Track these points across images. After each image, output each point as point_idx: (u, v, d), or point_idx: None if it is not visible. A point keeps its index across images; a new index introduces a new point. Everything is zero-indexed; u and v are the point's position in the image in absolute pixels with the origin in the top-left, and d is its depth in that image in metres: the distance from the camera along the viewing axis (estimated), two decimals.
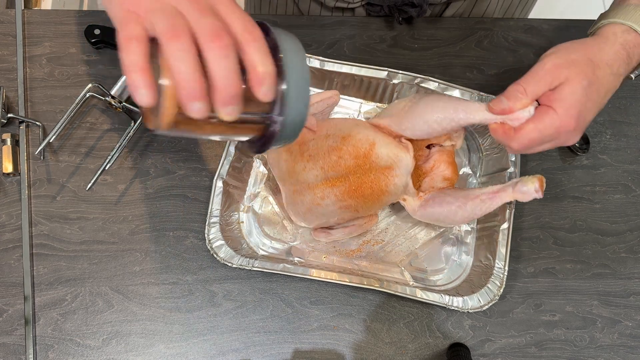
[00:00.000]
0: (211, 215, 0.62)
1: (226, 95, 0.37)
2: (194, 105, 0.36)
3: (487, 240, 0.64)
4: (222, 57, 0.36)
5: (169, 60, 0.36)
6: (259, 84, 0.37)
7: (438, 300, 0.61)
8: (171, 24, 0.36)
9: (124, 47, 0.36)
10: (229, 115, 0.38)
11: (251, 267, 0.60)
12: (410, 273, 0.65)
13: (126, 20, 0.38)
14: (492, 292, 0.61)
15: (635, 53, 0.52)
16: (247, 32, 0.38)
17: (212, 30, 0.36)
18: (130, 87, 0.36)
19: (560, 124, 0.49)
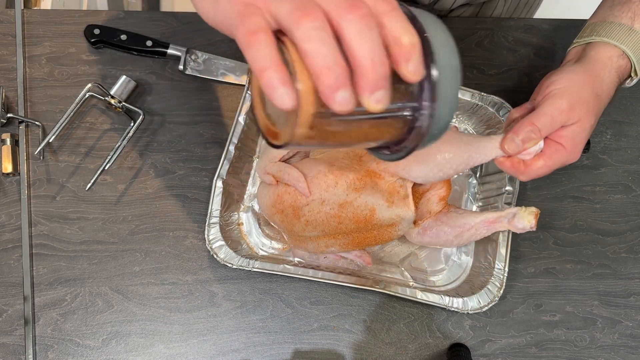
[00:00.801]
0: (211, 215, 0.61)
1: (375, 76, 0.30)
2: (339, 96, 0.29)
3: (487, 240, 0.64)
4: (365, 30, 0.29)
5: (302, 45, 0.29)
6: (406, 60, 0.31)
7: (438, 302, 0.61)
8: (297, 3, 0.30)
9: (250, 42, 0.30)
10: (379, 102, 0.30)
11: (251, 267, 0.60)
12: (410, 273, 0.65)
13: (245, 13, 0.32)
14: (492, 294, 0.61)
15: (624, 75, 0.55)
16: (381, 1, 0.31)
17: (346, 1, 0.30)
18: (267, 87, 0.30)
19: (567, 158, 0.52)
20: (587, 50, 0.56)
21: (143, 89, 0.69)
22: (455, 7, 0.74)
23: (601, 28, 0.55)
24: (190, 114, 0.69)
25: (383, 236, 0.58)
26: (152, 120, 0.68)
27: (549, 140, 0.52)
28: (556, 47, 0.75)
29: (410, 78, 0.31)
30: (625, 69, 0.55)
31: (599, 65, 0.53)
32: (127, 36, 0.68)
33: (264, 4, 0.32)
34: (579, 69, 0.53)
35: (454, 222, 0.59)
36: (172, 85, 0.70)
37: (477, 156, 0.53)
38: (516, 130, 0.50)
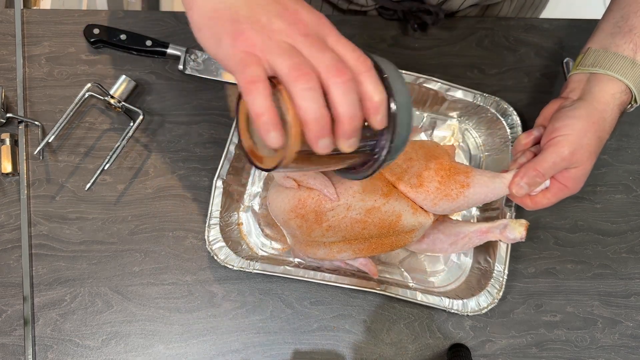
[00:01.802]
0: (211, 216, 0.61)
1: (350, 128, 0.37)
2: (321, 142, 0.37)
3: (487, 242, 0.64)
4: (347, 92, 0.37)
5: (296, 100, 0.36)
6: (375, 114, 0.38)
7: (438, 304, 0.60)
8: (293, 63, 0.36)
9: (248, 90, 0.36)
10: (350, 147, 0.38)
11: (252, 269, 0.60)
12: (409, 274, 0.65)
13: (245, 62, 0.37)
14: (491, 296, 0.61)
15: (625, 106, 0.57)
16: (360, 62, 0.38)
17: (335, 66, 0.37)
18: (262, 130, 0.36)
19: (570, 193, 0.57)
20: (590, 83, 0.56)
21: (143, 88, 0.69)
22: (463, 7, 0.74)
23: (604, 59, 0.56)
24: (189, 113, 0.69)
25: (399, 242, 0.58)
26: (152, 120, 0.68)
27: (553, 180, 0.56)
28: (556, 47, 0.75)
29: (377, 126, 0.39)
30: (627, 102, 0.56)
31: (602, 106, 0.55)
32: (127, 36, 0.68)
33: (263, 54, 0.37)
34: (582, 112, 0.55)
35: (449, 230, 0.62)
36: (171, 85, 0.70)
37: (491, 195, 0.58)
38: (522, 175, 0.55)
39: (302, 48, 0.37)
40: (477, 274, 0.64)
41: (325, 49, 0.37)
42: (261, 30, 0.38)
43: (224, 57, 0.39)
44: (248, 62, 0.37)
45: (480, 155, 0.69)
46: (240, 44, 0.38)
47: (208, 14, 0.40)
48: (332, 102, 0.37)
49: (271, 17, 0.38)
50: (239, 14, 0.38)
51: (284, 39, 0.37)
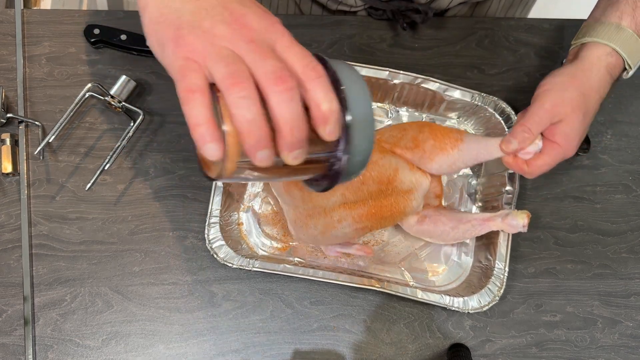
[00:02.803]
0: (211, 215, 0.61)
1: (292, 140, 0.35)
2: (259, 154, 0.35)
3: (487, 240, 0.64)
4: (287, 101, 0.34)
5: (231, 108, 0.34)
6: (324, 123, 0.36)
7: (438, 301, 0.60)
8: (230, 70, 0.34)
9: (186, 99, 0.35)
10: (295, 159, 0.36)
11: (251, 267, 0.60)
12: (410, 273, 0.65)
13: (185, 69, 0.36)
14: (492, 293, 0.61)
15: (616, 72, 0.58)
16: (309, 68, 0.36)
17: (275, 73, 0.35)
18: (198, 141, 0.34)
19: (564, 153, 0.57)
20: (580, 51, 0.59)
21: (143, 89, 0.69)
22: (452, 6, 0.74)
23: (592, 29, 0.59)
24: None
25: (399, 205, 0.59)
26: (152, 120, 0.68)
27: (545, 139, 0.57)
28: (556, 47, 0.75)
29: (326, 138, 0.36)
30: (616, 65, 0.58)
31: (586, 65, 0.57)
32: (127, 36, 0.68)
33: (203, 61, 0.35)
34: (565, 70, 0.58)
35: (451, 215, 0.62)
36: (172, 85, 0.69)
37: (484, 153, 0.59)
38: (512, 132, 0.56)
39: (245, 55, 0.35)
40: (478, 273, 0.64)
41: (268, 56, 0.35)
42: (202, 35, 0.36)
43: (167, 64, 0.38)
44: (187, 69, 0.36)
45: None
46: (181, 50, 0.37)
47: (155, 19, 0.39)
48: (271, 112, 0.35)
49: (215, 23, 0.36)
50: (182, 19, 0.37)
51: (226, 45, 0.36)
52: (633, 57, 0.58)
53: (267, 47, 0.36)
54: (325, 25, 0.75)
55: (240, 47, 0.36)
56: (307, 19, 0.75)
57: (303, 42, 0.80)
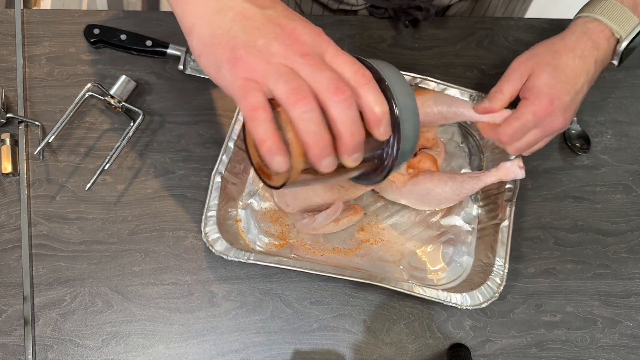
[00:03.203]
0: (208, 209, 0.61)
1: (353, 145, 0.38)
2: (324, 162, 0.38)
3: (488, 239, 0.64)
4: (346, 109, 0.37)
5: (296, 123, 0.37)
6: (377, 125, 0.39)
7: (435, 297, 0.60)
8: (292, 87, 0.37)
9: (251, 117, 0.37)
10: (354, 162, 0.39)
11: (246, 259, 0.60)
12: (409, 272, 0.65)
13: (246, 88, 0.38)
14: (492, 290, 0.61)
15: (600, 38, 0.56)
16: (359, 75, 0.39)
17: (333, 85, 0.37)
18: (266, 156, 0.37)
19: (535, 109, 0.54)
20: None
21: (143, 89, 0.69)
22: (453, 2, 0.74)
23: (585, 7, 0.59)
24: (189, 113, 0.69)
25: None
26: (152, 120, 0.68)
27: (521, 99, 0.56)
28: None
29: (381, 138, 0.40)
30: (597, 30, 0.56)
31: (563, 32, 0.58)
32: (127, 36, 0.68)
33: (263, 79, 0.37)
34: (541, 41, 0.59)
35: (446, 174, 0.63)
36: (171, 85, 0.70)
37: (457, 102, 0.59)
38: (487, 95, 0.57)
39: (300, 69, 0.38)
40: (478, 272, 0.64)
41: (322, 68, 0.38)
42: (259, 54, 0.38)
43: (224, 84, 0.40)
44: (248, 88, 0.37)
45: (481, 157, 0.69)
46: (240, 71, 0.38)
47: (207, 41, 0.40)
48: (331, 121, 0.37)
49: (269, 40, 0.38)
50: (237, 39, 0.39)
51: (282, 61, 0.38)
52: (618, 22, 0.56)
53: (319, 59, 0.39)
54: (325, 25, 0.74)
55: (296, 61, 0.38)
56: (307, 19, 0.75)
57: None
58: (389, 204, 0.67)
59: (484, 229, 0.66)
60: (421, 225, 0.67)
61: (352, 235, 0.66)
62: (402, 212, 0.67)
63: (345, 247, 0.65)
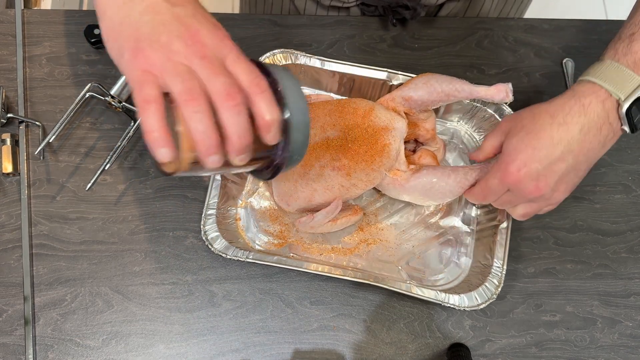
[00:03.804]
0: (208, 207, 0.62)
1: (239, 147, 0.40)
2: (210, 158, 0.40)
3: (486, 241, 0.64)
4: (235, 115, 0.40)
5: (187, 121, 0.39)
6: (267, 131, 0.41)
7: (434, 297, 0.60)
8: (186, 87, 0.39)
9: (142, 109, 0.38)
10: (241, 161, 0.42)
11: (245, 258, 0.60)
12: (407, 273, 0.65)
13: (142, 81, 0.39)
14: (489, 291, 0.61)
15: (591, 101, 0.50)
16: (254, 84, 0.41)
17: (225, 90, 0.39)
18: (151, 145, 0.39)
19: (500, 174, 0.53)
20: None
21: None
22: (442, 1, 0.74)
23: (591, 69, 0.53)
24: None
25: (375, 142, 0.61)
26: None
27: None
28: (556, 47, 0.75)
29: (270, 142, 0.42)
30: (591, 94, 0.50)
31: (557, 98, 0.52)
32: None
33: (160, 74, 0.39)
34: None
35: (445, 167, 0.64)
36: None
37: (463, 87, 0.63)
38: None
39: (198, 70, 0.40)
40: (476, 273, 0.64)
41: (218, 72, 0.40)
42: (160, 50, 0.40)
43: (124, 71, 0.42)
44: (144, 80, 0.39)
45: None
46: (139, 62, 0.40)
47: (115, 28, 0.42)
48: (221, 123, 0.39)
49: (172, 38, 0.40)
50: (142, 31, 0.40)
51: (182, 60, 0.40)
52: (616, 82, 0.50)
53: (218, 63, 0.41)
54: (325, 25, 0.75)
55: (195, 63, 0.40)
56: (307, 19, 0.75)
57: (303, 42, 0.80)
58: (388, 204, 0.68)
59: (482, 231, 0.66)
60: (420, 226, 0.67)
61: (351, 234, 0.66)
62: (401, 212, 0.67)
63: (344, 247, 0.65)
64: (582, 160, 0.52)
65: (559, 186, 0.53)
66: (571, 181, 0.54)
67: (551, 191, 0.53)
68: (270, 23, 0.75)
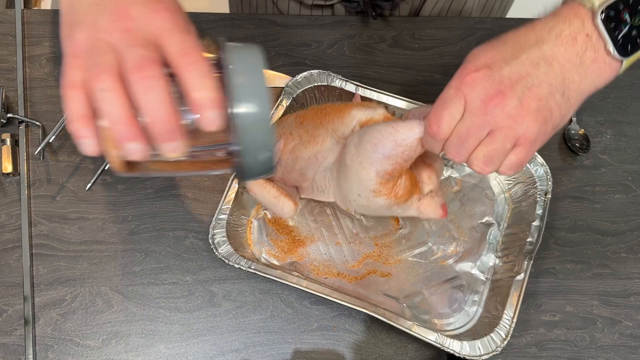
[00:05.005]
0: (220, 212, 0.61)
1: (161, 130, 0.33)
2: (129, 147, 0.33)
3: (500, 291, 0.62)
4: (148, 88, 0.33)
5: (95, 102, 0.34)
6: (198, 112, 0.34)
7: (434, 340, 0.57)
8: (95, 63, 0.34)
9: (65, 95, 0.35)
10: (172, 152, 0.34)
11: (247, 267, 0.60)
12: (412, 311, 0.62)
13: (67, 66, 0.36)
14: (494, 343, 0.58)
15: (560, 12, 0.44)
16: (182, 54, 0.34)
17: (137, 61, 0.33)
18: (75, 136, 0.34)
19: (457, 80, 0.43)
20: None
21: None
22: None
23: None
24: None
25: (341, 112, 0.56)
26: None
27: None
28: None
29: (203, 128, 0.34)
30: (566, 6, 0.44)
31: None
32: None
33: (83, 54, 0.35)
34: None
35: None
36: None
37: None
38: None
39: (117, 44, 0.34)
40: (484, 323, 0.61)
41: (137, 44, 0.34)
42: (86, 30, 0.36)
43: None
44: (70, 65, 0.35)
45: (505, 207, 0.68)
46: (69, 47, 0.37)
47: (63, 20, 0.39)
48: (134, 101, 0.33)
49: (98, 16, 0.36)
50: (77, 16, 0.37)
51: (105, 37, 0.35)
52: None
53: (142, 36, 0.35)
54: (325, 25, 0.75)
55: (115, 37, 0.35)
56: (307, 19, 0.75)
57: (303, 42, 0.80)
58: (403, 239, 0.66)
59: (498, 281, 0.64)
60: (433, 266, 0.65)
61: (359, 262, 0.65)
62: (416, 249, 0.66)
63: (351, 275, 0.64)
64: (557, 72, 0.42)
65: (529, 100, 0.42)
66: (544, 100, 0.42)
67: (518, 103, 0.42)
68: (270, 23, 0.75)
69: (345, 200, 0.58)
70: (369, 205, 0.55)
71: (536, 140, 0.44)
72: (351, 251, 0.65)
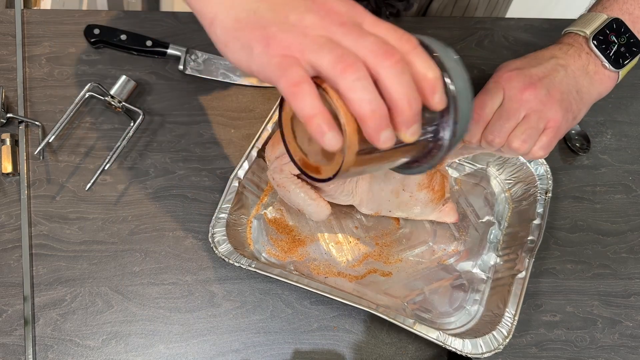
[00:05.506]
0: (220, 211, 0.61)
1: (410, 114, 0.34)
2: (383, 135, 0.34)
3: (501, 289, 0.62)
4: (400, 74, 0.33)
5: (347, 94, 0.33)
6: (432, 92, 0.35)
7: (435, 338, 0.58)
8: (336, 55, 0.33)
9: (294, 93, 0.33)
10: (413, 135, 0.35)
11: (247, 266, 0.60)
12: (413, 311, 0.63)
13: (284, 65, 0.34)
14: (496, 341, 0.58)
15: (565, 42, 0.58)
16: (404, 41, 0.35)
17: (380, 49, 0.34)
18: (315, 133, 0.33)
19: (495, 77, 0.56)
20: None
21: (143, 89, 0.69)
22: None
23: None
24: (190, 114, 0.69)
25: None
26: (152, 120, 0.68)
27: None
28: None
29: (437, 107, 0.36)
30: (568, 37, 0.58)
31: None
32: (127, 36, 0.68)
33: (302, 54, 0.34)
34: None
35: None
36: (172, 85, 0.70)
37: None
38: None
39: (341, 39, 0.34)
40: (486, 322, 0.61)
41: (365, 34, 0.34)
42: (293, 29, 0.35)
43: (259, 67, 0.36)
44: (286, 65, 0.34)
45: (506, 206, 0.68)
46: (275, 49, 0.35)
47: (232, 26, 0.37)
48: (385, 89, 0.33)
49: (301, 14, 0.35)
50: (265, 18, 0.36)
51: (320, 33, 0.35)
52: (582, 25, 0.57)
53: (359, 27, 0.35)
54: None
55: (334, 32, 0.35)
56: None
57: None
58: (403, 238, 0.66)
59: (499, 279, 0.64)
60: (434, 266, 0.65)
61: (360, 262, 0.64)
62: (416, 248, 0.66)
63: (351, 274, 0.64)
64: (571, 75, 0.55)
65: (554, 92, 0.53)
66: (566, 93, 0.54)
67: (546, 92, 0.53)
68: None
69: (375, 201, 0.61)
70: (410, 201, 0.61)
71: (561, 126, 0.54)
72: (352, 251, 0.65)
